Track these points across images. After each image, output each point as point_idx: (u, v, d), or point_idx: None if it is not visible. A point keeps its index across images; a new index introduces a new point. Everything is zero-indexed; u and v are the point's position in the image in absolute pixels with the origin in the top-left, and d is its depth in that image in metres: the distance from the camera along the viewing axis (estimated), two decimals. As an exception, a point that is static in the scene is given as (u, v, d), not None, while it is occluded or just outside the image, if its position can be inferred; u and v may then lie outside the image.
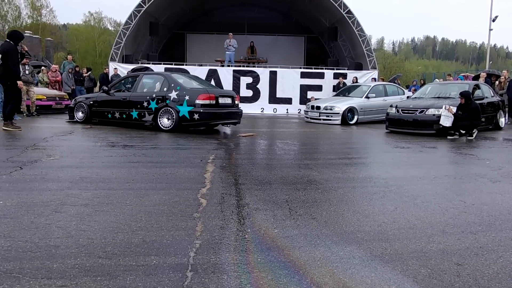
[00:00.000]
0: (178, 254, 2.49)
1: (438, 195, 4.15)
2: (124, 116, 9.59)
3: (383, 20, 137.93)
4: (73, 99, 11.40)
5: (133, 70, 17.04)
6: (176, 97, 8.89)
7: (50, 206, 3.33)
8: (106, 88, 10.19)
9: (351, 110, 12.82)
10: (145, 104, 9.22)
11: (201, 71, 16.57)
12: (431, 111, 9.70)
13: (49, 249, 2.51)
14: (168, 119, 8.97)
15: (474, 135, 9.24)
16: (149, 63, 17.89)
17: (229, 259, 2.46)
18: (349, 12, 18.20)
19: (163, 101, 9.01)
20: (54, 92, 14.13)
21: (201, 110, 8.71)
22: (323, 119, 12.89)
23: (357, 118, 12.88)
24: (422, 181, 4.79)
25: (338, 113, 12.65)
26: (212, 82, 15.85)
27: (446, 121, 9.31)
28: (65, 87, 16.27)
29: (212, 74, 17.05)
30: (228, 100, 9.42)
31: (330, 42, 22.74)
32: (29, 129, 8.46)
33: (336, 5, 18.04)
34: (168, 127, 8.95)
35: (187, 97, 8.78)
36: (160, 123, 9.02)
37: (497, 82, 13.63)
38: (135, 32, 18.65)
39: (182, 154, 6.37)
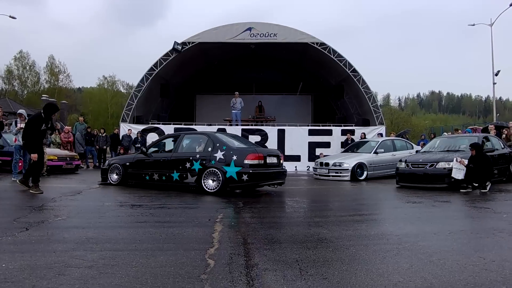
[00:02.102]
0: (183, 319, 2.37)
1: (455, 251, 3.97)
2: (164, 178, 9.11)
3: (388, 77, 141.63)
4: (107, 161, 11.08)
5: (143, 130, 17.60)
6: (222, 157, 8.44)
7: (54, 269, 3.24)
8: (145, 149, 9.90)
9: (360, 166, 12.76)
10: (188, 165, 8.75)
11: (210, 131, 16.81)
12: (441, 165, 9.61)
13: (49, 315, 2.40)
14: (214, 180, 8.43)
15: (488, 188, 9.04)
16: (159, 123, 18.32)
17: (237, 324, 2.33)
18: (354, 70, 18.75)
19: (208, 161, 8.54)
20: (65, 152, 14.40)
21: (250, 171, 8.24)
22: (333, 176, 12.83)
23: (367, 173, 12.79)
24: (437, 236, 4.63)
25: (347, 169, 12.60)
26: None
27: (458, 173, 9.17)
28: (78, 148, 16.68)
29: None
30: (274, 160, 9.04)
31: (337, 100, 23.20)
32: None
33: (341, 64, 18.63)
34: (213, 189, 8.38)
35: (234, 157, 8.34)
36: (205, 185, 8.48)
37: (503, 135, 13.52)
38: (146, 94, 19.29)
39: (190, 213, 6.30)
